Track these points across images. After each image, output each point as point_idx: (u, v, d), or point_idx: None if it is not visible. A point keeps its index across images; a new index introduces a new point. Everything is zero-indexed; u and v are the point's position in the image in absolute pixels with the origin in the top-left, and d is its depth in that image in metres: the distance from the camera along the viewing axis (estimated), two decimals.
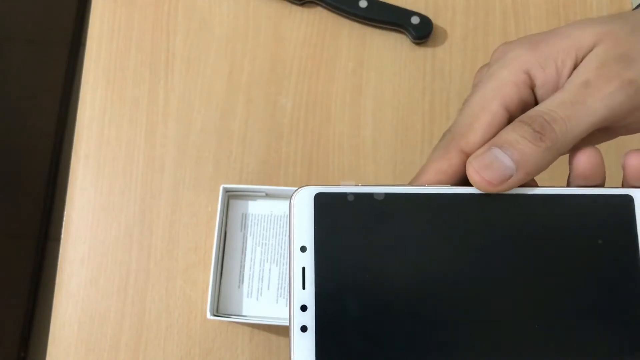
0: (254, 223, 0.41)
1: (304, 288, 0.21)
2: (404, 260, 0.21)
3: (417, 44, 0.48)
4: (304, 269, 0.21)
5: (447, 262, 0.21)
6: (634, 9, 0.25)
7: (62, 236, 0.44)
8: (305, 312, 0.21)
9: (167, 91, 0.47)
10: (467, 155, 0.23)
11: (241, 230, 0.41)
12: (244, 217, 0.41)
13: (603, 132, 0.24)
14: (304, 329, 0.21)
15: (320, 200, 0.22)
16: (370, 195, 0.22)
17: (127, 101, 0.47)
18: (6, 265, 1.07)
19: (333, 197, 0.22)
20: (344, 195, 0.22)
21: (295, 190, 0.22)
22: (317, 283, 0.21)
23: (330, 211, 0.22)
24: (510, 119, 0.24)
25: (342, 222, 0.22)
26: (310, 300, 0.21)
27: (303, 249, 0.21)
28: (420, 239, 0.22)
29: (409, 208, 0.22)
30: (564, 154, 0.23)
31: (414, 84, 0.47)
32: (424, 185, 0.22)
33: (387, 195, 0.22)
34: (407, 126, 0.46)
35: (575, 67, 0.23)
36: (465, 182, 0.23)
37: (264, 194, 0.41)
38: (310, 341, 0.21)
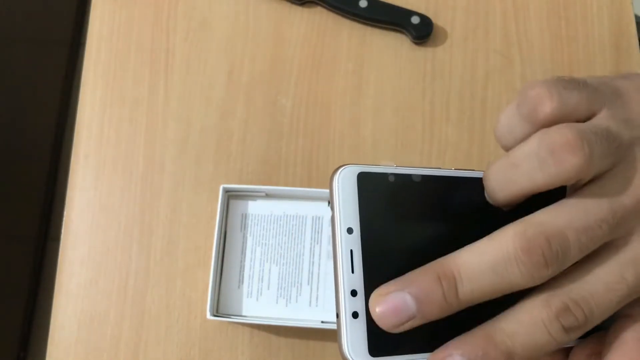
0: (254, 223, 0.41)
1: (352, 272, 0.20)
2: (443, 240, 0.21)
3: (417, 44, 0.48)
4: (352, 251, 0.20)
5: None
6: None
7: (62, 236, 0.44)
8: (356, 297, 0.20)
9: (167, 91, 0.47)
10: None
11: (241, 230, 0.41)
12: (244, 217, 0.41)
13: None
14: (355, 315, 0.20)
15: (363, 180, 0.21)
16: (409, 176, 0.22)
17: (127, 101, 0.47)
18: (6, 265, 1.07)
19: (375, 177, 0.21)
20: (385, 175, 0.21)
21: (337, 170, 0.21)
22: (366, 266, 0.20)
23: (373, 191, 0.21)
24: None
25: (384, 203, 0.21)
26: (359, 285, 0.20)
27: (350, 230, 0.20)
28: (458, 221, 0.22)
29: (445, 190, 0.22)
30: None
31: (414, 84, 0.47)
32: (458, 169, 0.22)
33: (424, 177, 0.22)
34: (407, 126, 0.46)
35: None
36: None
37: (264, 194, 0.41)
38: (362, 328, 0.20)
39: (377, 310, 0.19)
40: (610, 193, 0.20)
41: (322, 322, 0.39)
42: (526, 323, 0.19)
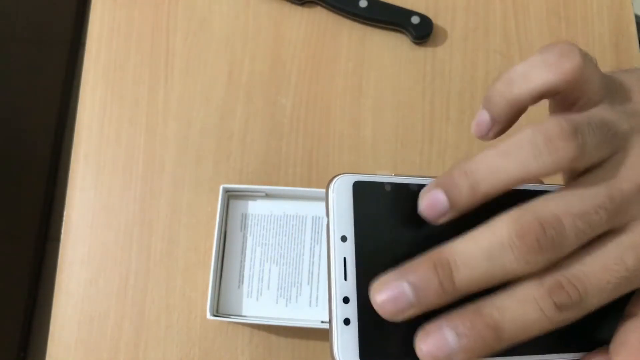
0: (254, 223, 0.41)
1: (345, 279, 0.20)
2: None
3: (417, 44, 0.48)
4: (345, 259, 0.21)
5: None
6: None
7: (62, 236, 0.44)
8: (348, 304, 0.20)
9: (167, 91, 0.47)
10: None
11: (241, 230, 0.41)
12: (244, 217, 0.41)
13: None
14: (346, 321, 0.20)
15: (359, 189, 0.21)
16: (406, 185, 0.22)
17: (127, 101, 0.47)
18: (6, 265, 1.07)
19: (371, 186, 0.21)
20: (381, 184, 0.22)
21: (333, 179, 0.21)
22: (359, 274, 0.21)
23: (368, 200, 0.21)
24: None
25: (379, 212, 0.21)
26: (352, 292, 0.20)
27: (344, 238, 0.21)
28: (454, 230, 0.21)
29: None
30: None
31: (414, 84, 0.47)
32: None
33: (421, 186, 0.22)
34: (407, 126, 0.46)
35: None
36: None
37: (264, 194, 0.41)
38: (354, 334, 0.20)
39: (377, 299, 0.19)
40: (607, 179, 0.20)
41: (322, 322, 0.39)
42: (517, 298, 0.19)
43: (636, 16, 0.50)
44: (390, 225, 0.21)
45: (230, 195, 0.41)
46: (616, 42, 0.48)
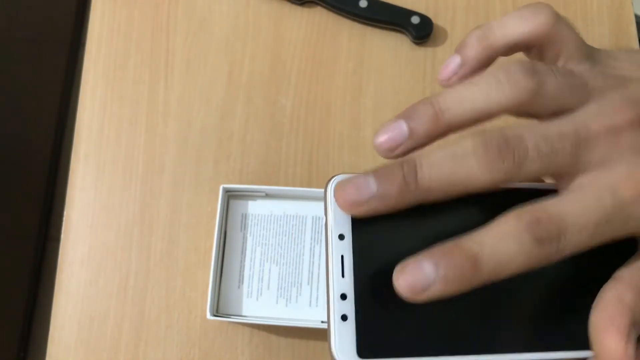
0: (254, 223, 0.41)
1: (343, 276, 0.21)
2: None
3: (417, 43, 0.48)
4: (342, 257, 0.21)
5: None
6: None
7: (62, 236, 0.44)
8: (345, 300, 0.21)
9: (167, 91, 0.47)
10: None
11: (241, 230, 0.41)
12: (244, 217, 0.41)
13: None
14: (344, 317, 0.20)
15: None
16: None
17: (127, 101, 0.47)
18: (6, 265, 1.07)
19: None
20: None
21: (331, 179, 0.22)
22: (356, 271, 0.21)
23: None
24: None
25: None
26: (349, 289, 0.21)
27: (341, 237, 0.21)
28: (451, 228, 0.21)
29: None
30: None
31: (414, 84, 0.47)
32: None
33: None
34: None
35: None
36: None
37: (264, 194, 0.41)
38: (351, 330, 0.20)
39: (338, 196, 0.21)
40: (576, 117, 0.21)
41: (322, 322, 0.39)
42: (496, 233, 0.19)
43: (636, 16, 0.50)
44: (386, 224, 0.22)
45: (230, 195, 0.41)
46: (616, 42, 0.48)
